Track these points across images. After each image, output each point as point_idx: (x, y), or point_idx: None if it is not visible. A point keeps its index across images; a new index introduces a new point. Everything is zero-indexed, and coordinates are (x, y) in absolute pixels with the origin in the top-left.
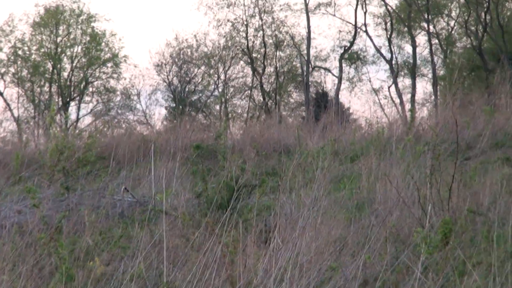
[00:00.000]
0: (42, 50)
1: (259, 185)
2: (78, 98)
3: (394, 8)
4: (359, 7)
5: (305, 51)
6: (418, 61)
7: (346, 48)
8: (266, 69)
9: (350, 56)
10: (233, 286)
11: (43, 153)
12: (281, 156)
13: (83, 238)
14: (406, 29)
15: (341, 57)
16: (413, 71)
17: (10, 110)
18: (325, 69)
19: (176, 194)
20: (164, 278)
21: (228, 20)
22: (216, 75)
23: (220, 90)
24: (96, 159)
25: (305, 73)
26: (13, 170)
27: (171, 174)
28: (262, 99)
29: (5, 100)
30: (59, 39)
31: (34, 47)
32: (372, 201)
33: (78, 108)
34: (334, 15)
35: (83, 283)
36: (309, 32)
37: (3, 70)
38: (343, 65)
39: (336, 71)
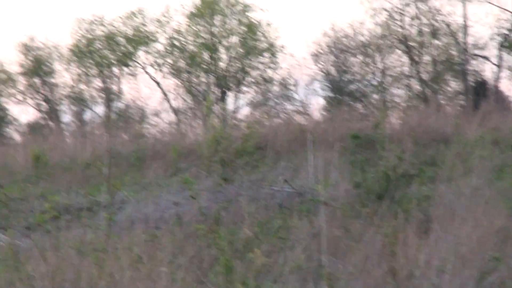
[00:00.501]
0: (199, 40)
1: (418, 175)
2: (235, 88)
3: None
4: None
5: (462, 40)
6: None
7: (505, 36)
8: (422, 58)
9: (510, 44)
10: (395, 277)
11: (201, 144)
12: (439, 145)
13: (242, 230)
14: None
15: (500, 45)
16: None
17: (168, 101)
18: (484, 57)
19: (335, 184)
20: (324, 270)
21: (383, 9)
22: (373, 64)
23: (377, 79)
24: (254, 149)
25: (462, 62)
26: (171, 161)
27: (330, 164)
28: (419, 88)
29: (163, 91)
30: (215, 29)
31: (190, 38)
32: None
33: (236, 99)
34: (491, 3)
35: (243, 274)
36: (465, 20)
37: (160, 61)
38: (503, 53)
39: (495, 59)
